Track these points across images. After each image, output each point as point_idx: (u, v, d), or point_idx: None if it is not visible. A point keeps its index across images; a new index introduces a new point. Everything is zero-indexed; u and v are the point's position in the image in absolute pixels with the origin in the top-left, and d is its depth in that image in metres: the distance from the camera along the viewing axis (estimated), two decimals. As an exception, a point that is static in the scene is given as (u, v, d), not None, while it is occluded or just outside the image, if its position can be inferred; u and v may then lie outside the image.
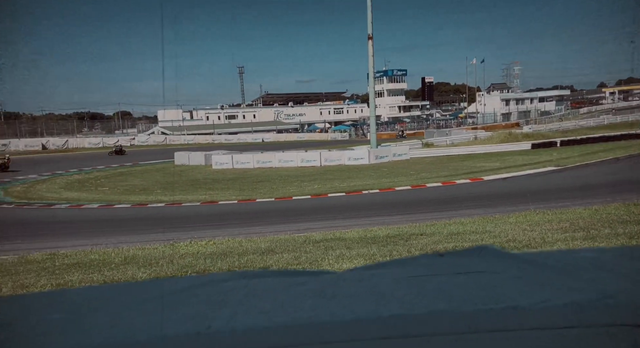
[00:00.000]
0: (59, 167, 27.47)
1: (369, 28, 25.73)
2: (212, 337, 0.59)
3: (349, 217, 9.91)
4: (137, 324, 0.66)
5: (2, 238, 9.55)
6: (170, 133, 57.47)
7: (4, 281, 4.76)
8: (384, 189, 15.10)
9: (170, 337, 0.59)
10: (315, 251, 5.36)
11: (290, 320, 0.63)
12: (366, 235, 6.37)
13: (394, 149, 26.36)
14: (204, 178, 21.19)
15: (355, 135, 55.25)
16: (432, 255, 1.07)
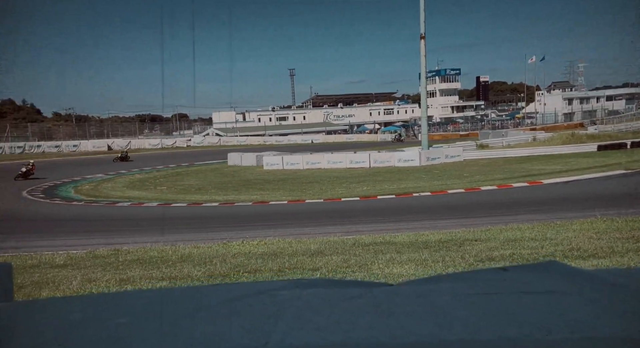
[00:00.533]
0: (122, 167, 29.24)
1: (421, 27, 25.21)
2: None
3: (399, 220, 9.74)
4: (196, 335, 0.67)
5: (72, 233, 10.31)
6: (224, 134, 59.46)
7: (74, 274, 5.13)
8: (436, 192, 14.71)
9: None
10: (364, 255, 5.31)
11: (346, 339, 0.61)
12: (417, 239, 6.23)
13: (446, 150, 25.62)
14: (256, 178, 21.70)
15: (405, 136, 54.27)
16: (495, 269, 1.01)
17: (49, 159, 37.20)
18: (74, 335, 0.71)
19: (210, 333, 0.67)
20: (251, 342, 0.61)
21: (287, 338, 0.62)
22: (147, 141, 52.15)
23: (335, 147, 38.73)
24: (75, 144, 46.83)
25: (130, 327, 0.73)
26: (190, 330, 0.70)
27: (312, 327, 0.65)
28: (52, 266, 5.76)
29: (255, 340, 0.61)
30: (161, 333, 0.68)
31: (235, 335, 0.64)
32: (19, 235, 10.36)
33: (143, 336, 0.68)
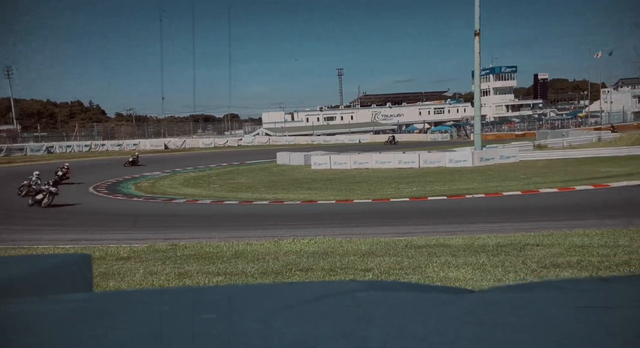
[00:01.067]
0: (177, 165, 30.58)
1: (476, 24, 24.34)
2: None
3: (453, 222, 9.44)
4: (288, 335, 0.66)
5: (134, 227, 10.90)
6: (273, 134, 60.58)
7: (137, 267, 5.41)
8: (490, 194, 14.13)
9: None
10: (418, 257, 5.19)
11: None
12: (473, 243, 6.00)
13: (501, 151, 24.58)
14: (304, 177, 21.90)
15: (457, 136, 52.68)
16: (593, 278, 0.93)
17: (113, 157, 39.61)
18: (168, 328, 0.72)
19: (302, 334, 0.65)
20: (348, 346, 0.59)
21: (385, 345, 0.59)
22: (201, 140, 54.16)
23: (383, 147, 38.27)
24: (135, 143, 49.55)
25: (220, 324, 0.74)
26: (281, 329, 0.69)
27: (410, 335, 0.62)
28: (117, 259, 6.10)
29: (353, 345, 0.59)
30: (254, 332, 0.68)
31: (329, 338, 0.62)
32: (86, 228, 11.11)
33: (237, 333, 0.68)
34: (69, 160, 27.63)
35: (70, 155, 43.14)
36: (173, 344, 0.65)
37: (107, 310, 0.84)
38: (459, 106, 76.33)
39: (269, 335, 0.66)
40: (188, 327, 0.73)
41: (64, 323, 0.79)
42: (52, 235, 10.15)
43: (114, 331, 0.71)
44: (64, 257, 1.55)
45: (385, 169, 23.46)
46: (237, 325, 0.73)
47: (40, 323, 0.77)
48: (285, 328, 0.70)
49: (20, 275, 1.31)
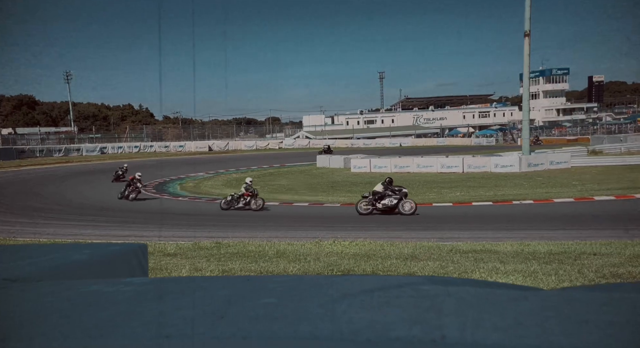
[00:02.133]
0: (221, 166, 31.39)
1: (526, 24, 23.42)
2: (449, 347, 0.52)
3: (499, 229, 9.08)
4: (357, 320, 0.64)
5: (180, 225, 11.27)
6: (314, 137, 60.95)
7: (183, 263, 5.57)
8: (539, 200, 13.49)
9: (404, 341, 0.55)
10: (463, 262, 5.01)
11: (540, 342, 0.53)
12: (523, 249, 5.73)
13: (551, 156, 23.46)
14: (343, 180, 21.85)
15: (503, 140, 50.84)
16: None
17: (160, 157, 41.26)
18: (232, 309, 0.72)
19: (371, 321, 0.63)
20: (424, 334, 0.56)
21: (465, 334, 0.55)
22: (243, 143, 55.39)
23: (425, 151, 37.57)
24: (181, 145, 51.41)
25: (283, 308, 0.73)
26: (346, 314, 0.67)
27: (489, 325, 0.58)
28: (165, 255, 6.32)
29: (429, 333, 0.56)
30: (319, 315, 0.66)
31: (401, 325, 0.59)
32: (135, 225, 11.61)
33: (301, 316, 0.66)
34: (121, 160, 29.03)
35: (122, 155, 45.36)
36: (237, 323, 0.64)
37: (170, 293, 0.86)
38: (506, 110, 73.67)
39: (334, 319, 0.64)
40: (250, 309, 0.72)
41: (127, 303, 0.81)
42: (101, 231, 10.68)
43: (178, 311, 0.72)
44: (122, 246, 1.61)
45: (427, 174, 22.98)
46: (300, 309, 0.72)
47: (108, 302, 0.79)
48: (350, 313, 0.67)
49: (82, 259, 1.37)
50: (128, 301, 0.81)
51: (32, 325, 0.66)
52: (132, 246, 1.55)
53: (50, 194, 18.86)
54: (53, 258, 1.35)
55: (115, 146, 49.98)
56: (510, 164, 22.29)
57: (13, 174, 27.99)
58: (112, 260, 1.43)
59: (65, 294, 0.90)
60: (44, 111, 78.03)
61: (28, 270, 1.17)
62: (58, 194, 18.67)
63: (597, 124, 58.39)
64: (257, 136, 69.48)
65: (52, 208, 15.05)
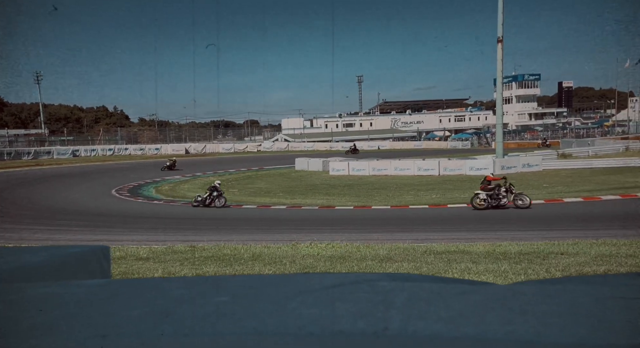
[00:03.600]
0: (198, 169, 30.98)
1: (499, 30, 24.04)
2: (392, 339, 0.52)
3: (473, 229, 9.26)
4: (304, 315, 0.64)
5: (153, 229, 11.06)
6: (292, 140, 60.87)
7: (156, 267, 5.46)
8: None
9: (347, 333, 0.55)
10: (437, 263, 5.08)
11: (481, 332, 0.53)
12: (494, 250, 5.85)
13: (523, 159, 24.09)
14: (322, 183, 21.89)
15: (478, 144, 51.95)
16: (629, 274, 0.88)
17: (135, 161, 40.42)
18: (180, 308, 0.71)
19: (319, 316, 0.63)
20: (368, 326, 0.56)
21: (407, 326, 0.56)
22: (221, 146, 54.82)
23: (402, 154, 38.03)
24: (157, 148, 50.51)
25: (233, 305, 0.72)
26: (296, 310, 0.67)
27: (433, 317, 0.58)
28: (137, 259, 6.18)
29: (372, 325, 0.56)
30: (268, 312, 0.65)
31: (347, 319, 0.60)
32: (108, 229, 11.32)
33: (249, 313, 0.66)
34: (94, 164, 28.27)
35: (95, 158, 44.22)
36: (181, 322, 0.63)
37: (122, 294, 0.83)
38: (480, 114, 75.33)
39: (283, 315, 0.64)
40: (199, 308, 0.71)
41: (77, 305, 0.78)
42: (71, 235, 10.38)
43: (128, 311, 0.70)
44: (83, 248, 1.56)
45: (404, 176, 23.26)
46: (250, 307, 0.71)
47: (54, 304, 0.77)
48: (300, 309, 0.67)
49: (39, 262, 1.32)
50: (75, 303, 0.78)
51: None
52: (93, 248, 1.51)
53: (19, 198, 18.21)
54: (7, 260, 1.30)
55: (88, 149, 48.73)
56: (485, 167, 22.75)
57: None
58: (70, 263, 1.39)
59: (11, 297, 0.87)
60: (12, 112, 75.42)
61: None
62: (27, 198, 18.05)
63: (567, 128, 60.37)
64: (235, 139, 68.88)
65: (22, 213, 14.53)
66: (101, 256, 1.50)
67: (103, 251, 1.51)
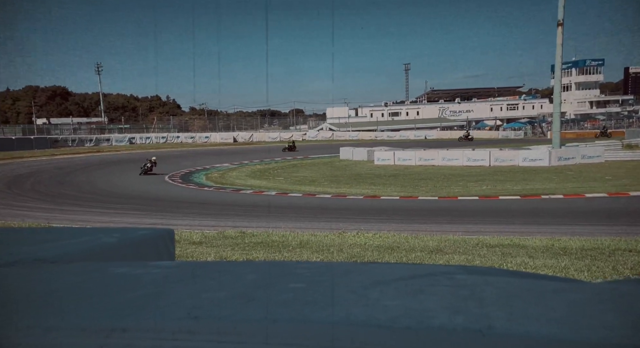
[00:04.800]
0: (245, 157, 31.71)
1: (559, 13, 22.54)
2: (502, 340, 0.48)
3: (528, 223, 8.84)
4: (392, 307, 0.61)
5: (205, 214, 11.46)
6: (337, 129, 60.78)
7: (209, 251, 5.65)
8: (570, 195, 13.07)
9: (449, 330, 0.51)
10: (490, 256, 4.90)
11: (589, 335, 0.48)
12: (553, 245, 5.55)
13: (582, 150, 22.67)
14: (367, 173, 21.73)
15: (531, 134, 49.49)
16: None
17: (186, 148, 42.01)
18: (260, 293, 0.70)
19: (409, 308, 0.59)
20: (469, 323, 0.52)
21: (514, 325, 0.51)
22: (267, 134, 55.77)
23: (450, 144, 36.92)
24: (206, 136, 52.20)
25: (313, 293, 0.70)
26: (380, 301, 0.64)
27: (539, 317, 0.53)
28: (190, 243, 6.43)
29: (474, 322, 0.52)
30: (351, 301, 0.63)
31: (442, 314, 0.56)
32: (162, 213, 11.87)
33: (332, 301, 0.64)
34: (148, 151, 29.69)
35: (149, 146, 46.38)
36: (266, 306, 0.62)
37: (199, 276, 0.84)
38: (535, 102, 71.55)
39: (368, 305, 0.61)
40: (278, 293, 0.70)
41: (155, 284, 0.80)
42: (129, 219, 10.97)
43: (205, 293, 0.70)
44: (150, 230, 1.62)
45: (452, 167, 22.60)
46: (330, 295, 0.69)
47: (138, 284, 0.78)
48: (384, 300, 0.64)
49: (114, 242, 1.38)
50: (156, 283, 0.80)
51: (64, 303, 0.66)
52: (160, 231, 1.56)
53: (81, 182, 19.48)
54: (83, 241, 1.37)
55: (143, 137, 51.18)
56: (540, 158, 21.66)
57: (47, 163, 29.05)
58: (140, 244, 1.45)
59: (94, 275, 0.90)
60: (76, 101, 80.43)
61: (58, 252, 1.19)
62: (89, 183, 19.27)
63: (633, 117, 56.01)
64: (280, 127, 69.80)
65: (84, 196, 15.54)
66: (167, 239, 1.55)
67: (169, 233, 1.57)
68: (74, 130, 53.74)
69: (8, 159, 31.25)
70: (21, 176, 21.75)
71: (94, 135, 50.28)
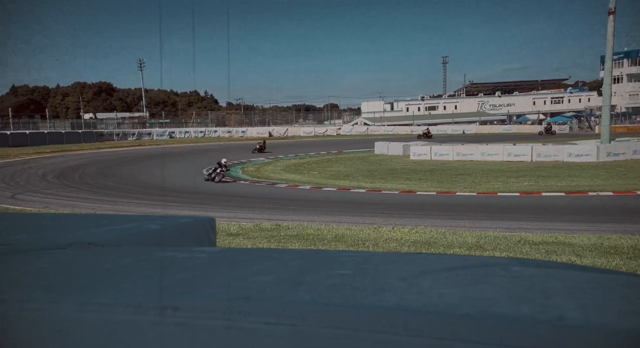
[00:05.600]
0: (280, 152, 32.03)
1: (610, 0, 21.29)
2: (577, 331, 0.44)
3: (573, 220, 8.45)
4: (447, 295, 0.58)
5: (241, 207, 11.67)
6: (372, 123, 60.27)
7: (245, 243, 5.75)
8: (619, 192, 12.38)
9: (513, 318, 0.48)
10: (534, 254, 4.71)
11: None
12: (602, 243, 5.27)
13: (634, 145, 21.42)
14: (402, 167, 21.44)
15: (578, 128, 47.25)
16: None
17: (223, 142, 42.91)
18: (307, 278, 0.69)
19: (466, 297, 0.56)
20: (536, 313, 0.48)
21: (586, 317, 0.47)
22: (302, 129, 56.06)
23: (489, 138, 35.82)
24: (243, 130, 53.12)
25: (362, 278, 0.68)
26: (434, 289, 0.61)
27: (614, 310, 0.49)
28: (228, 234, 6.56)
29: (541, 313, 0.48)
30: (402, 288, 0.61)
31: (504, 303, 0.52)
32: (200, 205, 12.19)
33: (382, 288, 0.61)
34: (187, 145, 30.50)
35: (188, 140, 47.71)
36: (316, 290, 0.61)
37: (243, 261, 0.84)
38: (582, 95, 68.10)
39: (422, 292, 0.59)
40: (326, 278, 0.69)
41: (202, 267, 0.80)
42: (169, 210, 11.32)
43: (253, 276, 0.70)
44: (192, 218, 1.65)
45: (492, 162, 21.93)
46: (380, 281, 0.67)
47: (185, 267, 0.79)
48: (438, 288, 0.61)
49: (155, 229, 1.42)
50: (203, 266, 0.81)
51: (116, 282, 0.67)
52: (202, 219, 1.59)
53: (125, 175, 20.31)
54: (130, 226, 1.41)
55: (182, 131, 52.70)
56: (587, 153, 20.64)
57: (93, 156, 30.48)
58: (182, 231, 1.48)
59: (142, 258, 0.93)
60: (120, 97, 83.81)
61: (108, 236, 1.22)
62: (131, 175, 20.06)
63: (692, 110, 52.33)
64: (315, 122, 69.95)
65: (126, 188, 16.20)
66: (208, 227, 1.58)
67: (210, 222, 1.59)
68: (118, 124, 56.07)
69: (58, 152, 33.02)
70: (70, 168, 22.93)
71: (137, 129, 52.24)
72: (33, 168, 22.58)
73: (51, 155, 30.39)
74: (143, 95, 75.28)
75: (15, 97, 76.16)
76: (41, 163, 24.85)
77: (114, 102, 79.45)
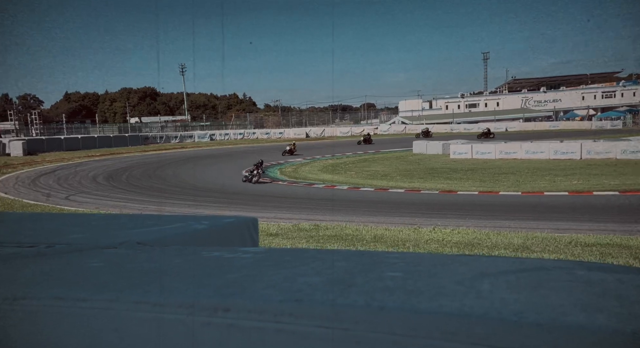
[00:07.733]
0: (317, 152, 32.15)
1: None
2: None
3: (628, 221, 7.94)
4: (511, 301, 0.54)
5: (280, 207, 11.80)
6: (410, 122, 59.37)
7: (285, 243, 5.80)
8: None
9: (591, 330, 0.44)
10: (586, 256, 4.46)
11: None
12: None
13: (697, 140, 19.90)
14: (442, 167, 20.97)
15: (632, 123, 44.50)
16: None
17: (261, 144, 43.62)
18: (356, 279, 0.67)
19: (531, 302, 0.52)
20: (615, 324, 0.44)
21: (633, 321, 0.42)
22: (338, 129, 56.05)
23: (534, 135, 34.37)
24: (280, 132, 53.79)
25: (414, 282, 0.65)
26: (494, 293, 0.57)
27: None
28: (268, 234, 6.64)
29: (621, 323, 0.44)
30: (461, 292, 0.57)
31: (575, 311, 0.48)
32: (240, 206, 12.43)
33: (438, 292, 0.58)
34: (227, 147, 31.18)
35: (228, 142, 48.84)
36: (369, 293, 0.58)
37: (288, 262, 0.83)
38: (637, 89, 63.97)
39: (482, 298, 0.55)
40: (377, 281, 0.66)
41: (250, 268, 0.80)
42: (211, 211, 11.61)
43: (301, 277, 0.69)
44: (236, 218, 1.66)
45: (537, 160, 21.04)
46: (435, 285, 0.64)
47: (232, 267, 0.79)
48: (499, 293, 0.57)
49: (201, 228, 1.44)
50: (251, 266, 0.80)
51: (168, 282, 0.68)
52: (245, 219, 1.60)
53: (168, 176, 21.05)
54: (177, 226, 1.44)
55: (222, 133, 54.03)
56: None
57: (139, 158, 31.81)
58: (226, 231, 1.50)
59: (190, 257, 0.94)
60: (164, 101, 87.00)
61: (156, 236, 1.25)
62: (175, 177, 20.77)
63: None
64: (352, 122, 69.72)
65: (170, 189, 16.78)
66: (251, 227, 1.59)
67: (253, 222, 1.60)
68: (162, 128, 58.25)
69: (108, 155, 34.72)
70: (118, 170, 24.04)
71: (179, 132, 54.09)
72: (85, 170, 23.86)
73: (101, 158, 31.99)
74: (185, 99, 77.84)
75: (68, 103, 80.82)
76: (92, 166, 26.22)
77: (158, 106, 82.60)
